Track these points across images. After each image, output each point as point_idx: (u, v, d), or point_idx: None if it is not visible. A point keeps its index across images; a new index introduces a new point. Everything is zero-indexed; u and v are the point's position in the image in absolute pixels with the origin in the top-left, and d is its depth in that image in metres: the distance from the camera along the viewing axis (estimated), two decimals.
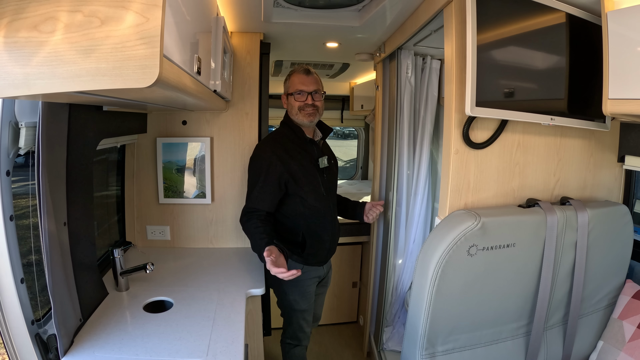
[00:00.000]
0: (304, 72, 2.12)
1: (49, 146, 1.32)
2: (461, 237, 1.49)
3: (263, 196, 2.04)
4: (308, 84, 2.10)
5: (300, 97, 2.09)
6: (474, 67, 1.42)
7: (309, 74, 2.12)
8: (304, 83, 2.10)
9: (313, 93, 2.10)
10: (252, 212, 2.05)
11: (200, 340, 1.52)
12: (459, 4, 1.52)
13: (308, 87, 2.09)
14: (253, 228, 1.99)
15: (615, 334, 1.78)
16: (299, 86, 2.09)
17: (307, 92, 2.08)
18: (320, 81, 2.17)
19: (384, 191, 2.80)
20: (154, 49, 0.82)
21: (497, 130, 1.68)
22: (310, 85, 2.10)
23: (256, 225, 1.98)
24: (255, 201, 2.05)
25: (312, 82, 2.11)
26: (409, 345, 1.66)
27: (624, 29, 1.33)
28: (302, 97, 2.09)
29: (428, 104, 2.51)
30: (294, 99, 2.10)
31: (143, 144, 2.44)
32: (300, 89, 2.09)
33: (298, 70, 2.13)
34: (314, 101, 2.10)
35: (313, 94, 2.10)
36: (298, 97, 2.09)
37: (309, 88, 2.09)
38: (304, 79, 2.10)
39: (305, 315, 2.27)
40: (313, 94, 2.10)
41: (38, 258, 1.46)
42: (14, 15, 0.84)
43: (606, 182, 1.96)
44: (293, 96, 2.10)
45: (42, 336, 1.42)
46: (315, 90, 2.11)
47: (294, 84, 2.11)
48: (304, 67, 2.14)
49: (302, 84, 2.09)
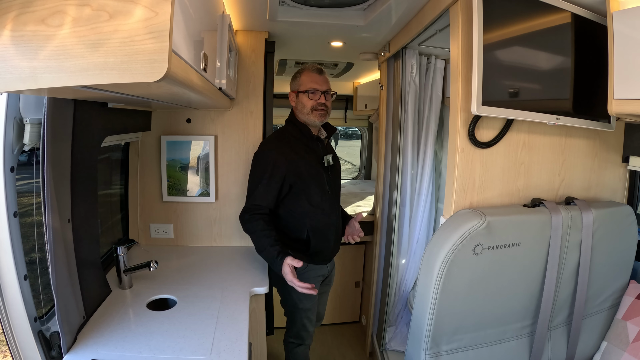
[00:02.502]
0: (317, 71, 2.11)
1: (54, 142, 1.32)
2: (467, 236, 1.48)
3: (267, 194, 2.02)
4: (321, 83, 2.09)
5: (314, 95, 2.07)
6: (480, 66, 1.41)
7: (322, 73, 2.11)
8: (317, 82, 2.08)
9: (325, 93, 2.09)
10: (255, 209, 2.02)
11: (203, 338, 1.52)
12: (465, 3, 1.51)
13: (321, 86, 2.08)
14: (259, 230, 1.97)
15: (619, 334, 1.77)
16: (312, 85, 2.08)
17: (320, 92, 2.08)
18: (329, 81, 2.16)
19: (387, 191, 2.80)
20: (162, 44, 0.82)
21: (502, 130, 1.68)
22: (324, 84, 2.09)
23: (263, 228, 1.97)
24: (259, 198, 2.02)
25: (325, 81, 2.11)
26: (414, 345, 1.66)
27: (630, 29, 1.33)
28: (316, 96, 2.08)
29: (432, 104, 2.50)
30: (307, 98, 2.08)
31: (147, 142, 2.44)
32: (314, 88, 2.07)
33: (310, 68, 2.12)
34: (325, 100, 2.10)
35: (325, 93, 2.09)
36: (312, 96, 2.07)
37: (322, 87, 2.08)
38: (317, 78, 2.09)
39: (308, 314, 2.27)
40: (325, 93, 2.09)
41: (41, 255, 1.46)
42: (21, 9, 0.83)
43: (610, 183, 1.95)
44: (306, 94, 2.08)
45: (45, 333, 1.42)
46: (327, 90, 2.10)
47: (305, 82, 2.10)
48: (316, 66, 2.12)
49: (315, 83, 2.08)
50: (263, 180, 2.02)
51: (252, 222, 2.01)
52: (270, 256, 1.93)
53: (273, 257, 1.91)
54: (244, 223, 2.06)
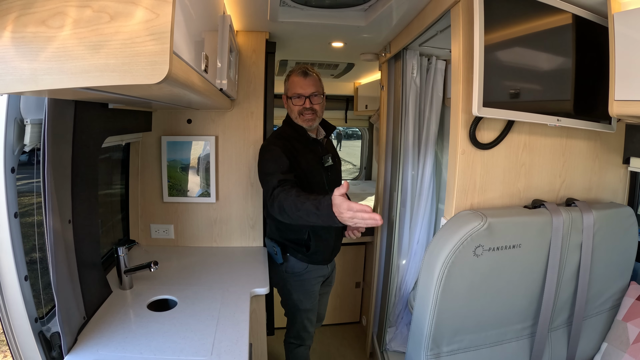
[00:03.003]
0: (302, 74, 2.06)
1: (54, 143, 1.32)
2: (467, 237, 1.48)
3: (283, 166, 1.87)
4: (305, 87, 2.05)
5: (299, 101, 2.05)
6: (481, 67, 1.41)
7: (307, 75, 2.06)
8: (302, 86, 2.05)
9: (311, 96, 2.05)
10: (279, 184, 1.77)
11: (204, 339, 1.52)
12: (466, 4, 1.51)
13: (305, 90, 2.04)
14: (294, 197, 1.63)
15: (620, 335, 1.77)
16: (297, 89, 2.05)
17: (304, 96, 2.04)
18: (319, 81, 2.11)
19: (388, 192, 2.80)
20: (163, 45, 0.82)
21: (503, 131, 1.67)
22: (308, 88, 2.05)
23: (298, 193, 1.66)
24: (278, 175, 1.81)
25: (310, 84, 2.06)
26: (414, 346, 1.66)
27: (631, 31, 1.32)
28: (300, 101, 2.05)
29: (433, 105, 2.50)
30: (292, 103, 2.07)
31: (148, 142, 2.44)
32: (298, 93, 2.05)
33: (296, 71, 2.08)
34: (312, 104, 2.05)
35: (311, 97, 2.05)
36: (296, 102, 2.05)
37: (307, 91, 2.04)
38: (302, 82, 2.05)
39: (309, 315, 2.27)
40: (311, 97, 2.05)
41: (42, 256, 1.46)
42: (22, 10, 0.83)
43: (611, 184, 1.95)
44: (291, 100, 2.06)
45: (45, 334, 1.42)
46: (314, 93, 2.06)
47: (292, 86, 2.07)
48: (302, 68, 2.08)
49: (299, 87, 2.05)
50: (274, 159, 1.91)
51: (283, 198, 1.68)
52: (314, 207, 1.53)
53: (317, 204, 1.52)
54: (273, 200, 1.74)
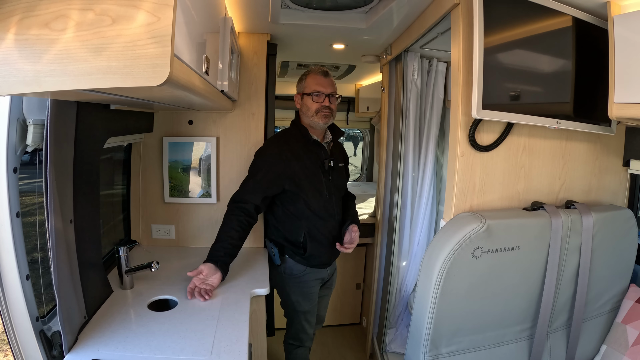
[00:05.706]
0: (322, 73, 2.11)
1: (56, 144, 1.32)
2: (466, 239, 1.49)
3: (257, 191, 2.04)
4: (326, 85, 2.10)
5: (318, 98, 2.08)
6: (480, 70, 1.42)
7: (327, 75, 2.12)
8: (322, 85, 2.09)
9: (330, 96, 2.10)
10: (241, 202, 2.04)
11: (204, 339, 1.52)
12: (466, 7, 1.52)
13: (326, 89, 2.09)
14: (229, 227, 1.99)
15: (619, 338, 1.78)
16: (317, 87, 2.09)
17: (324, 94, 2.08)
18: (335, 84, 2.17)
19: (388, 193, 2.80)
20: (164, 48, 0.83)
21: (503, 133, 1.68)
22: (329, 87, 2.10)
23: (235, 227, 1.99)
24: (248, 193, 2.05)
25: (330, 84, 2.11)
26: (413, 347, 1.66)
27: (630, 33, 1.33)
28: (320, 99, 2.08)
29: (434, 107, 2.51)
30: (311, 100, 2.09)
31: (149, 143, 2.44)
32: (318, 90, 2.08)
33: (315, 71, 2.13)
34: (330, 103, 2.10)
35: (330, 96, 2.10)
36: (316, 99, 2.08)
37: (327, 90, 2.09)
38: (322, 81, 2.10)
39: (307, 316, 2.27)
40: (330, 96, 2.10)
41: (43, 255, 1.47)
42: (25, 13, 0.84)
43: (611, 186, 1.95)
44: (310, 97, 2.09)
45: (46, 333, 1.42)
46: (332, 93, 2.11)
47: (310, 84, 2.11)
48: (321, 69, 2.13)
49: (320, 85, 2.09)
50: (257, 177, 2.05)
51: (233, 215, 2.02)
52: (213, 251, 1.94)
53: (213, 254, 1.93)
54: (230, 205, 2.08)
